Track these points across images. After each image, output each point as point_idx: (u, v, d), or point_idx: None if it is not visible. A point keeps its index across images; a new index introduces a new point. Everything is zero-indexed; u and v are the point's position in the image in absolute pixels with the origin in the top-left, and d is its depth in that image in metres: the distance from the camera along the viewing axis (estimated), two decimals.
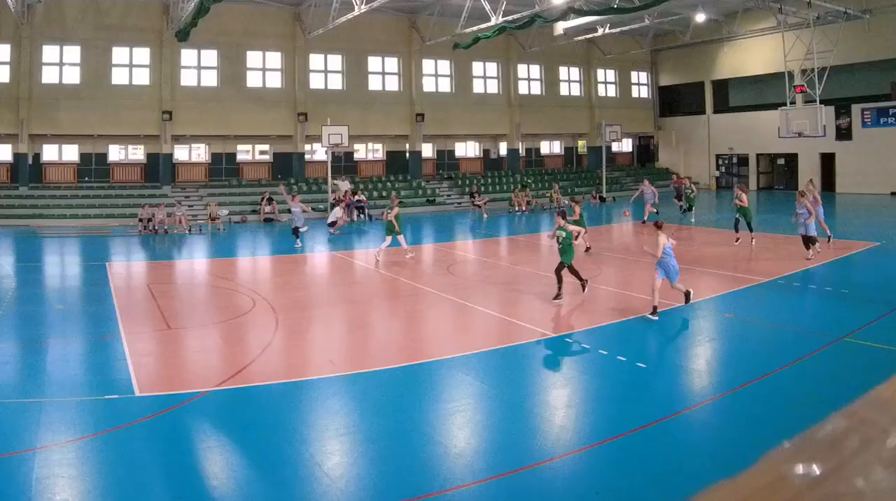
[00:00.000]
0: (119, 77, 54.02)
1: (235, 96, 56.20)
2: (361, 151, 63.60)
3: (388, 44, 61.18)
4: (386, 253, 30.71)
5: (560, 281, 21.75)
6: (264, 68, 58.12)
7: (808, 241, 28.16)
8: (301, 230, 36.01)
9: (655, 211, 41.87)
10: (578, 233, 22.66)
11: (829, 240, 31.32)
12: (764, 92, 65.55)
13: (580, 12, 48.89)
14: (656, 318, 18.49)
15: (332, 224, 44.07)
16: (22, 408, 13.09)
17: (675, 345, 18.23)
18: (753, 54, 65.69)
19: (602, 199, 60.97)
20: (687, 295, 20.17)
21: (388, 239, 30.55)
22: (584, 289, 22.36)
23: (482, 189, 59.79)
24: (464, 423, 12.77)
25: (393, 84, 62.51)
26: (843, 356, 16.34)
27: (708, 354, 17.32)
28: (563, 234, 21.75)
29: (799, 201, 28.10)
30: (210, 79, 56.63)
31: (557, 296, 21.63)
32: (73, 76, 52.91)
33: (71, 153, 55.07)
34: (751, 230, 32.44)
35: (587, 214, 34.88)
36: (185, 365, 16.62)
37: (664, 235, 19.11)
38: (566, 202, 31.83)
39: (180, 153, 57.73)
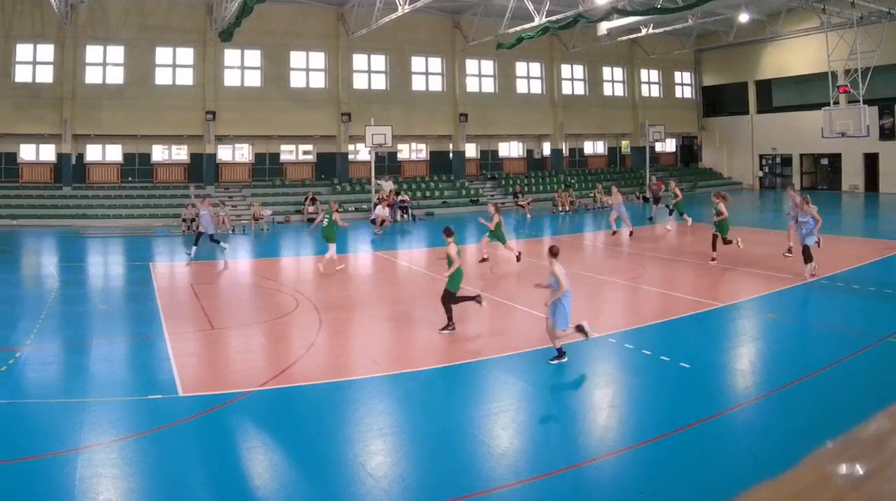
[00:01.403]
0: (162, 77, 52.16)
1: (279, 96, 54.16)
2: (405, 151, 61.16)
3: (431, 44, 58.94)
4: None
5: (448, 311, 18.42)
6: (308, 68, 56.00)
7: (809, 255, 23.68)
8: (223, 245, 31.70)
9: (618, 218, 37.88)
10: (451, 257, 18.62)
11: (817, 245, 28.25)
12: (807, 92, 62.86)
13: (623, 12, 46.50)
14: (565, 360, 15.34)
15: (375, 220, 42.64)
16: (66, 408, 12.83)
17: (719, 345, 17.55)
18: (797, 54, 62.80)
19: (645, 199, 55.61)
20: (580, 329, 15.64)
21: (333, 246, 28.14)
22: (480, 303, 19.25)
23: (526, 189, 57.23)
24: (507, 423, 12.47)
25: (436, 84, 60.11)
26: (887, 356, 16.01)
27: (751, 354, 16.94)
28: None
29: (802, 207, 23.85)
30: (253, 79, 54.49)
31: (446, 327, 18.33)
32: (116, 76, 51.02)
33: (114, 153, 53.10)
34: (725, 242, 27.74)
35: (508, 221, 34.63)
36: (228, 365, 16.22)
37: (559, 264, 15.59)
38: (491, 209, 28.99)
39: (224, 153, 55.57)
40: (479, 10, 54.97)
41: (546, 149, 65.39)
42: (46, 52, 49.29)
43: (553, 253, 15.85)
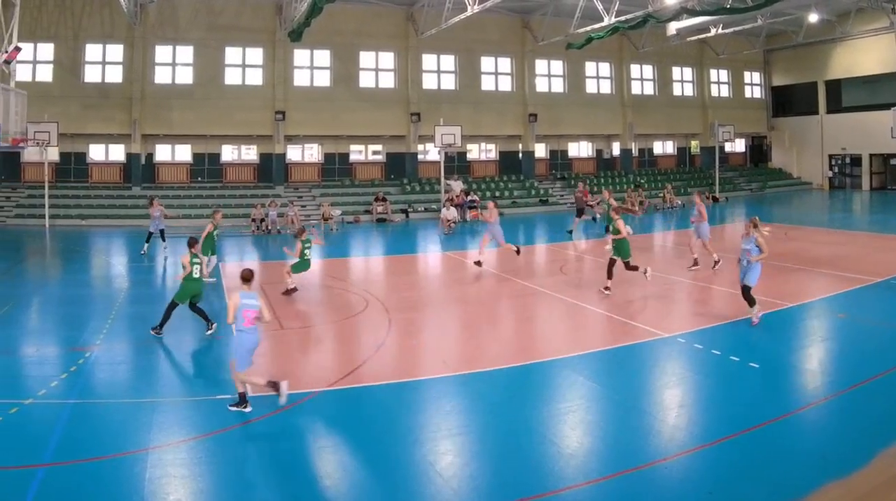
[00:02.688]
0: (232, 77, 49.35)
1: (348, 96, 51.04)
2: (474, 151, 57.48)
3: (500, 44, 55.11)
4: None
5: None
6: (377, 68, 52.52)
7: (750, 297, 17.60)
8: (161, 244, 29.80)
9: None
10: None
11: (714, 265, 25.16)
12: (877, 92, 58.36)
13: (693, 12, 43.27)
14: (246, 410, 12.36)
15: (446, 221, 40.62)
16: (135, 408, 12.42)
17: (788, 346, 16.64)
18: (866, 54, 58.30)
19: (715, 199, 54.67)
20: (274, 386, 12.70)
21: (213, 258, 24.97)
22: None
23: (595, 189, 52.78)
24: (576, 423, 11.96)
25: (506, 84, 56.11)
26: None
27: (820, 354, 16.14)
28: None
29: (748, 232, 17.52)
30: (323, 79, 51.31)
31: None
32: (185, 76, 48.39)
33: (184, 153, 50.29)
34: (628, 268, 22.39)
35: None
36: (297, 365, 15.38)
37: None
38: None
39: (293, 153, 52.60)
40: (548, 9, 51.43)
41: (615, 149, 61.22)
42: (116, 52, 46.87)
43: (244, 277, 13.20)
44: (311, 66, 50.91)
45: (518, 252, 27.61)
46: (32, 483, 9.55)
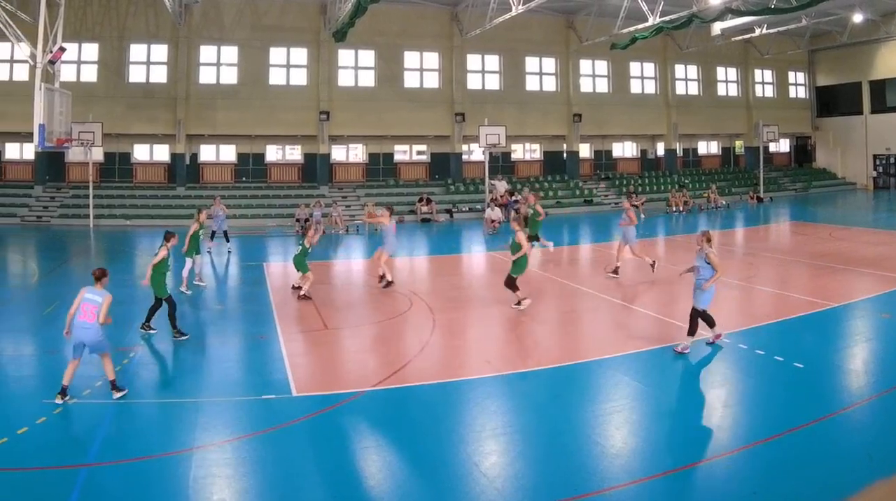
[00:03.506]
0: (276, 77, 47.02)
1: (392, 96, 48.50)
2: (519, 151, 54.37)
3: (545, 44, 52.16)
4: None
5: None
6: (421, 68, 49.90)
7: (707, 318, 15.06)
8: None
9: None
10: None
11: (653, 266, 23.79)
12: None
13: (737, 12, 40.86)
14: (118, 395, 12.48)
15: (490, 221, 38.72)
16: (180, 408, 12.04)
17: (833, 346, 16.11)
18: None
19: (759, 200, 51.96)
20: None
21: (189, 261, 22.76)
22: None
23: (639, 189, 51.15)
24: (621, 423, 11.43)
25: (550, 84, 53.19)
26: None
27: (865, 354, 15.49)
28: None
29: (701, 245, 15.19)
30: (367, 79, 48.80)
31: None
32: (230, 76, 46.20)
33: (228, 153, 47.96)
34: (509, 284, 19.81)
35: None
36: (341, 366, 15.11)
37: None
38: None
39: (338, 153, 50.04)
40: (592, 10, 48.69)
41: (660, 149, 58.16)
42: (160, 52, 44.89)
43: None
44: (356, 67, 48.52)
45: (382, 280, 23.02)
46: (76, 484, 9.22)
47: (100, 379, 12.81)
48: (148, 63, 44.85)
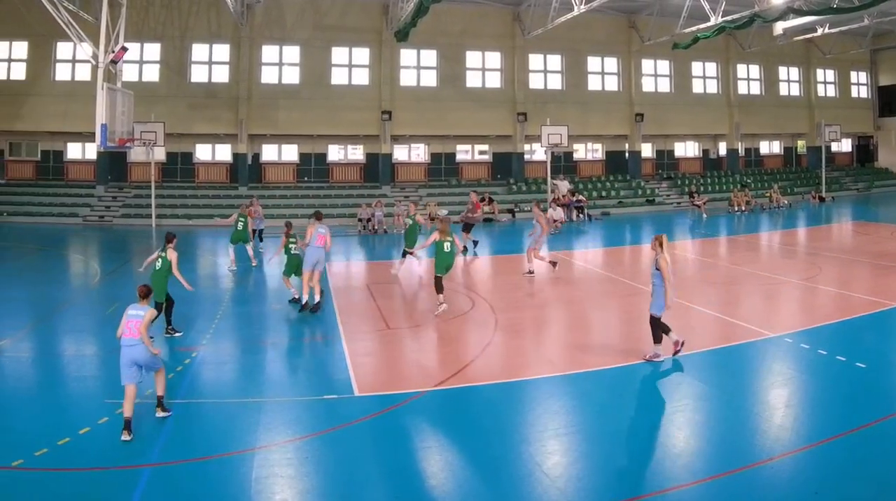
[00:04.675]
0: (338, 77, 43.63)
1: (454, 96, 44.79)
2: (581, 151, 50.16)
3: (607, 43, 48.01)
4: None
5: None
6: (483, 68, 45.96)
7: (657, 327, 13.56)
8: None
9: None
10: None
11: (554, 266, 23.14)
12: None
13: (799, 12, 37.90)
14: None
15: (553, 221, 35.84)
16: (242, 408, 11.31)
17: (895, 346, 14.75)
18: None
19: (821, 199, 48.02)
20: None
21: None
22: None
23: (701, 189, 47.34)
24: (683, 423, 10.73)
25: (612, 84, 48.95)
26: None
27: None
28: None
29: (655, 249, 13.57)
30: (429, 79, 45.14)
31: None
32: (292, 76, 42.93)
33: (290, 153, 44.54)
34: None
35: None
36: (403, 365, 14.06)
37: None
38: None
39: (400, 153, 46.36)
40: (654, 9, 44.72)
41: (722, 148, 53.84)
42: (222, 52, 41.87)
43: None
44: (418, 66, 44.95)
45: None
46: (139, 483, 8.70)
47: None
48: (210, 63, 41.89)
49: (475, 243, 28.55)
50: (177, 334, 15.35)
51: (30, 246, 30.54)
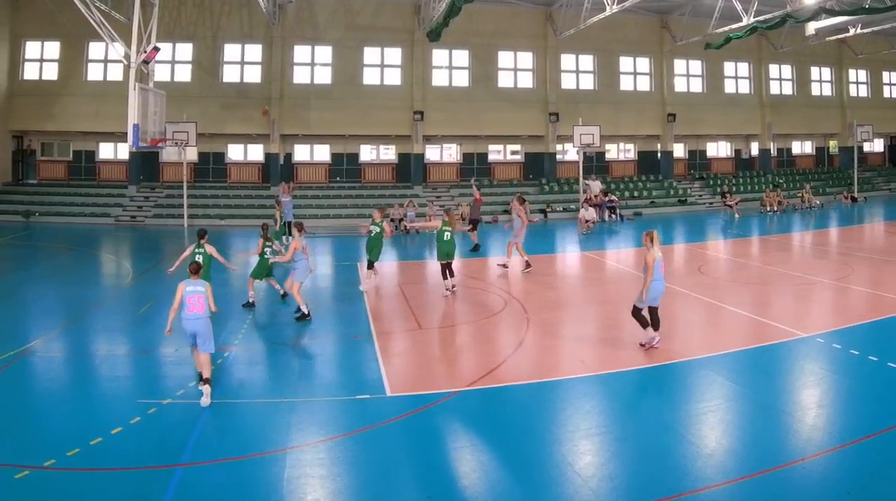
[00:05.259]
0: (370, 77, 41.84)
1: (486, 96, 42.84)
2: (613, 151, 48.09)
3: (639, 44, 45.94)
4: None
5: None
6: (515, 68, 43.99)
7: (642, 318, 13.69)
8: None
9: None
10: None
11: (505, 267, 22.96)
12: None
13: (832, 12, 36.25)
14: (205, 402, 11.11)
15: (585, 221, 34.85)
16: (274, 408, 10.91)
17: None
18: None
19: (853, 199, 46.20)
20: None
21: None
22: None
23: (733, 189, 45.06)
24: (715, 423, 10.33)
25: (644, 84, 46.84)
26: None
27: None
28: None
29: (646, 244, 13.71)
30: (461, 79, 43.20)
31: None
32: (324, 76, 41.19)
33: (322, 153, 42.81)
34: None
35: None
36: (436, 365, 13.47)
37: None
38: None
39: (432, 153, 44.45)
40: (686, 9, 42.77)
41: (754, 148, 51.70)
42: (254, 52, 40.25)
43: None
44: (450, 66, 43.01)
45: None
46: (171, 483, 8.37)
47: (193, 379, 11.74)
48: (242, 63, 40.28)
49: (476, 248, 27.19)
50: None
51: (62, 246, 29.59)
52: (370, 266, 20.29)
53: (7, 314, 17.25)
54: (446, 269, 19.12)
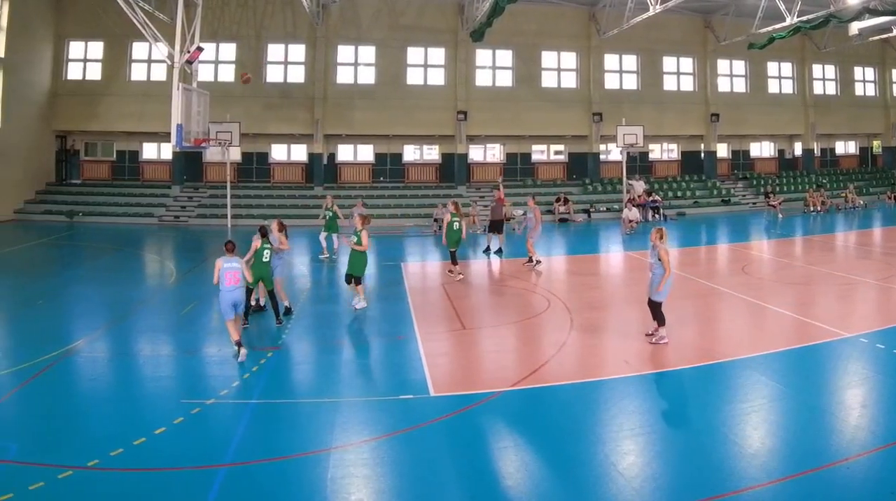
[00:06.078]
0: (414, 77, 39.67)
1: (530, 96, 40.43)
2: (656, 151, 45.36)
3: (682, 44, 43.35)
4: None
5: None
6: (559, 68, 41.52)
7: (656, 313, 13.40)
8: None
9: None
10: None
11: (532, 263, 21.95)
12: None
13: (875, 12, 33.84)
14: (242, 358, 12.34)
15: (628, 221, 33.20)
16: (317, 408, 10.35)
17: None
18: None
19: None
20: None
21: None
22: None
23: (777, 189, 42.40)
24: (759, 423, 9.67)
25: (688, 84, 44.19)
26: None
27: None
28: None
29: (654, 242, 13.34)
30: (505, 79, 40.80)
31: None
32: (367, 76, 39.01)
33: (366, 153, 40.51)
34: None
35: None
36: (479, 366, 12.72)
37: None
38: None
39: (475, 153, 42.05)
40: (730, 9, 40.34)
41: (797, 148, 48.89)
42: (298, 52, 38.12)
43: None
44: (493, 66, 40.61)
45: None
46: (214, 483, 7.96)
47: (237, 379, 11.38)
48: (285, 63, 38.20)
49: (499, 250, 24.57)
50: (245, 325, 14.08)
51: (105, 246, 28.38)
52: (358, 282, 16.17)
53: (51, 314, 16.38)
54: (454, 255, 20.08)
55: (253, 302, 15.45)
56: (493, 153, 42.65)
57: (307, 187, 38.30)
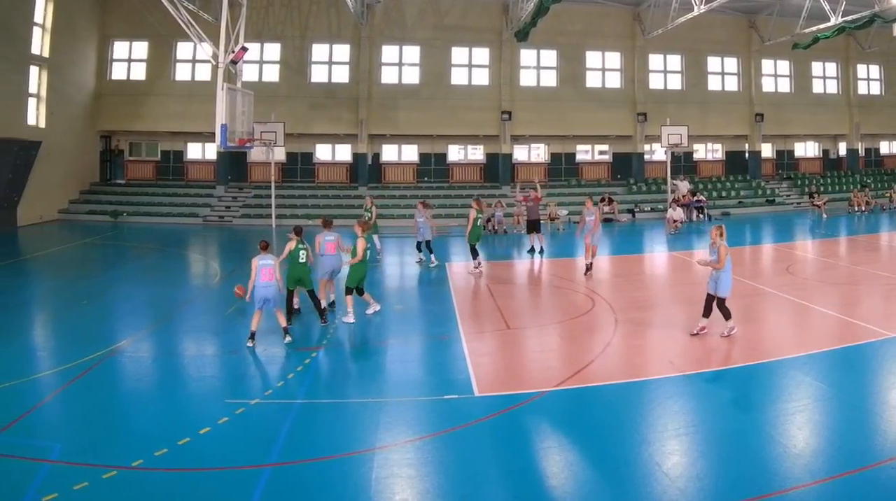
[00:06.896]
0: (458, 77, 37.60)
1: (574, 96, 38.17)
2: (701, 151, 43.05)
3: (726, 43, 40.95)
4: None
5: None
6: (603, 68, 39.22)
7: (722, 309, 12.89)
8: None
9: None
10: None
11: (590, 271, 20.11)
12: None
13: None
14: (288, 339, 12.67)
15: (672, 221, 31.73)
16: (362, 408, 9.87)
17: None
18: None
19: None
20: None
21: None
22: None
23: (821, 189, 39.71)
24: (803, 423, 9.20)
25: (732, 84, 41.69)
26: None
27: None
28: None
29: (714, 239, 13.10)
30: (549, 79, 38.55)
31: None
32: (412, 76, 37.00)
33: (410, 153, 38.41)
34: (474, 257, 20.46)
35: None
36: (523, 365, 12.17)
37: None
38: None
39: (519, 153, 39.77)
40: (774, 9, 37.95)
41: (842, 148, 46.14)
42: (342, 52, 36.13)
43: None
44: (538, 66, 38.43)
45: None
46: (259, 483, 7.65)
47: (281, 379, 10.90)
48: (330, 63, 36.26)
49: (541, 250, 23.64)
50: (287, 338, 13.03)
51: (150, 246, 27.29)
52: (360, 292, 15.02)
53: (96, 314, 15.75)
54: (475, 249, 20.10)
55: (296, 306, 14.70)
56: (538, 153, 40.42)
57: (351, 187, 36.35)
